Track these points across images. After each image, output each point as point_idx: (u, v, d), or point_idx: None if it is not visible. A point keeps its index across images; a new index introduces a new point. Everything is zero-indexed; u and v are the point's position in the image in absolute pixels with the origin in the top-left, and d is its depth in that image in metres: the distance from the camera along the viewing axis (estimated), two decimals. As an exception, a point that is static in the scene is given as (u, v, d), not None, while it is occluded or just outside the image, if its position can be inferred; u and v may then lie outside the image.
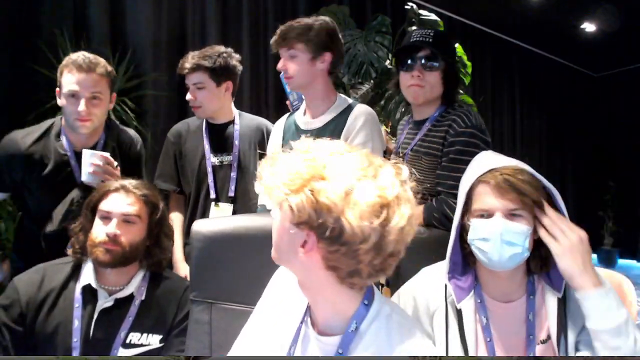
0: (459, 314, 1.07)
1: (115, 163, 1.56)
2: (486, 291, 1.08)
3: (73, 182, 1.58)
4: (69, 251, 1.34)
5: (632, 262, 5.99)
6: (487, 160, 1.07)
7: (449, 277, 1.08)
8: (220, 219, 1.39)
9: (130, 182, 1.31)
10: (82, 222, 1.31)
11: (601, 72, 6.35)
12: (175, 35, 2.79)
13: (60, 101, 1.58)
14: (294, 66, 1.55)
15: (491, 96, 5.07)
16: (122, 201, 1.27)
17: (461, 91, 2.87)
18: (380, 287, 1.31)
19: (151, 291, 1.31)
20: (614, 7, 4.17)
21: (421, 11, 2.76)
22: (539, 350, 1.01)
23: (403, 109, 2.43)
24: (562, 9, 4.37)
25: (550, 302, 1.03)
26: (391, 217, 0.70)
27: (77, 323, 1.21)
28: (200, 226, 1.30)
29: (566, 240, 0.96)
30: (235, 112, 1.96)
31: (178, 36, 2.80)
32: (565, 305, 1.03)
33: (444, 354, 1.07)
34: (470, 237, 1.02)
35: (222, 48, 1.89)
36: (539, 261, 1.04)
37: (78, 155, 1.57)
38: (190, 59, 1.83)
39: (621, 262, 5.98)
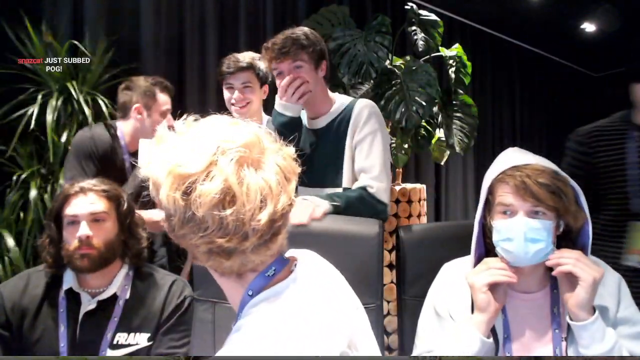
0: None
1: None
2: (508, 285, 1.09)
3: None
4: (44, 267, 1.31)
5: (632, 262, 5.97)
6: (510, 158, 1.07)
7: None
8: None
9: (87, 182, 1.30)
10: (48, 234, 1.29)
11: (601, 72, 6.35)
12: (173, 35, 2.79)
13: (146, 117, 1.90)
14: (302, 72, 1.54)
15: (491, 96, 5.08)
16: (85, 202, 1.25)
17: (461, 91, 2.88)
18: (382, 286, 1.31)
19: (136, 289, 1.29)
20: (614, 7, 4.17)
21: (421, 11, 2.76)
22: (564, 349, 1.02)
23: (403, 109, 2.43)
24: (562, 9, 4.37)
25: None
26: (194, 189, 0.64)
27: (62, 328, 1.21)
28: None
29: (591, 275, 0.96)
30: (265, 118, 2.04)
31: (176, 36, 2.80)
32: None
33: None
34: (495, 239, 1.04)
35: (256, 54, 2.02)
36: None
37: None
38: (240, 59, 1.94)
39: (621, 261, 5.97)
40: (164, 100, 1.94)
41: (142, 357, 1.24)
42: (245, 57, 1.98)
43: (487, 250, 1.11)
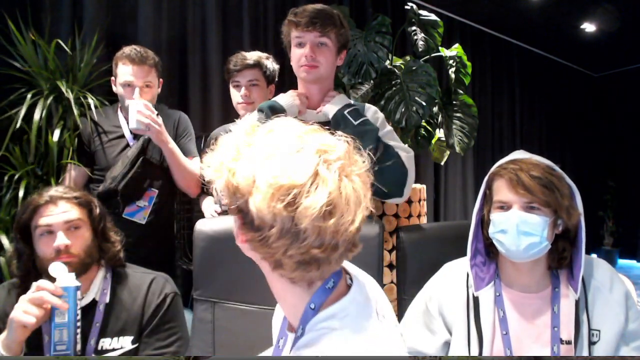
0: (476, 302, 1.08)
1: (156, 112, 1.78)
2: (507, 283, 1.10)
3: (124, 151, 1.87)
4: (16, 282, 1.25)
5: (632, 262, 5.98)
6: (511, 155, 1.11)
7: (471, 264, 1.11)
8: (223, 218, 1.41)
9: (56, 190, 1.25)
10: (17, 247, 1.23)
11: (601, 72, 6.36)
12: (175, 35, 2.79)
13: (116, 89, 1.89)
14: (323, 55, 1.47)
15: (491, 96, 5.08)
16: (58, 210, 1.20)
17: (461, 91, 2.88)
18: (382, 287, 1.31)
19: (115, 292, 1.27)
20: (614, 7, 4.18)
21: (421, 11, 2.77)
22: (562, 351, 1.02)
23: (403, 109, 2.43)
24: (562, 9, 4.37)
25: (570, 301, 1.05)
26: (300, 202, 0.62)
27: (47, 338, 1.15)
28: (203, 225, 1.30)
29: None
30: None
31: (178, 36, 2.80)
32: (579, 307, 1.04)
33: (464, 342, 1.08)
34: (491, 231, 1.06)
35: (263, 54, 2.04)
36: (556, 255, 1.06)
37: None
38: (247, 57, 1.95)
39: (621, 262, 5.98)
40: (122, 71, 1.84)
41: (142, 357, 1.24)
42: (253, 55, 1.98)
43: (485, 244, 1.13)
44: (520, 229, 1.00)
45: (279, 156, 0.64)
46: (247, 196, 0.64)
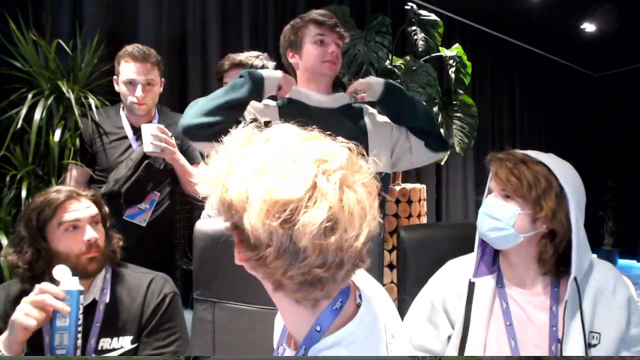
0: (472, 287, 1.11)
1: (170, 133, 1.79)
2: (506, 277, 1.13)
3: (127, 151, 1.88)
4: (22, 279, 1.21)
5: (632, 262, 5.99)
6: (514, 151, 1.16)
7: (479, 251, 1.15)
8: (222, 218, 1.40)
9: (72, 187, 1.27)
10: (35, 245, 1.19)
11: (601, 72, 6.36)
12: (175, 35, 2.79)
13: (118, 88, 1.90)
14: (340, 54, 1.63)
15: (491, 96, 5.08)
16: (82, 206, 1.24)
17: (461, 91, 2.88)
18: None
19: (115, 291, 1.27)
20: (614, 7, 4.18)
21: (421, 11, 2.77)
22: (560, 350, 1.03)
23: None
24: (562, 9, 4.37)
25: (569, 302, 1.05)
26: (297, 218, 0.57)
27: (47, 338, 1.17)
28: (203, 225, 1.30)
29: None
30: None
31: (178, 36, 2.80)
32: (576, 309, 1.04)
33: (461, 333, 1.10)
34: None
35: (250, 53, 2.05)
36: (539, 255, 1.07)
37: (134, 129, 1.90)
38: (235, 57, 1.99)
39: (621, 262, 5.99)
40: (125, 69, 1.85)
41: (142, 357, 1.24)
42: (240, 55, 2.02)
43: None
44: (487, 212, 1.07)
45: (274, 168, 0.59)
46: (241, 212, 0.60)
